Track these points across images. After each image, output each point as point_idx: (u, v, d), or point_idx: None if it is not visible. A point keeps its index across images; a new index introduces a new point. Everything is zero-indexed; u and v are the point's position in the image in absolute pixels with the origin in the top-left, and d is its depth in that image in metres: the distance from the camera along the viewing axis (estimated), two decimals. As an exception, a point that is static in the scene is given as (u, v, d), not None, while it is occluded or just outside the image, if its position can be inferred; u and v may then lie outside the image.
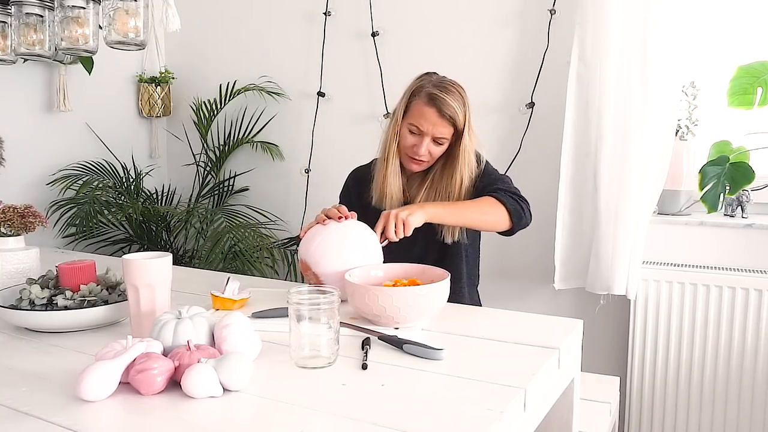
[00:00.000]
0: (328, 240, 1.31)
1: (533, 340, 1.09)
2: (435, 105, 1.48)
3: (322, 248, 1.30)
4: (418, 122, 1.50)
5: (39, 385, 0.91)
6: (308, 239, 1.34)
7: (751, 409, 1.87)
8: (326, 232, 1.33)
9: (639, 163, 1.88)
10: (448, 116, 1.48)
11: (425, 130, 1.50)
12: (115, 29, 1.62)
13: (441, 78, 1.54)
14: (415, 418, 0.80)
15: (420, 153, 1.51)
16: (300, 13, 2.58)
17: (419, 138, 1.51)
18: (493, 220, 1.49)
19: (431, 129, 1.49)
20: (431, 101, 1.48)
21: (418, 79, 1.55)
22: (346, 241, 1.31)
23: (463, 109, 1.51)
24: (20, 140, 2.30)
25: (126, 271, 1.07)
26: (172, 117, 2.89)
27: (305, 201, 2.62)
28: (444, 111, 1.48)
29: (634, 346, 1.98)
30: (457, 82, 1.54)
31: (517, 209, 1.50)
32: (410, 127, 1.52)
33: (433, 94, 1.49)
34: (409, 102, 1.53)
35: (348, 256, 1.30)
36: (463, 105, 1.51)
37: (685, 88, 1.98)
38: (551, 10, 2.11)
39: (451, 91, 1.50)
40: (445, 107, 1.48)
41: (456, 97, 1.50)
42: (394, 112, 1.57)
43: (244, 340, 0.95)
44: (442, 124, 1.49)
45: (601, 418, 1.64)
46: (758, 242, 1.91)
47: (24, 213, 1.43)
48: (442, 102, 1.48)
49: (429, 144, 1.51)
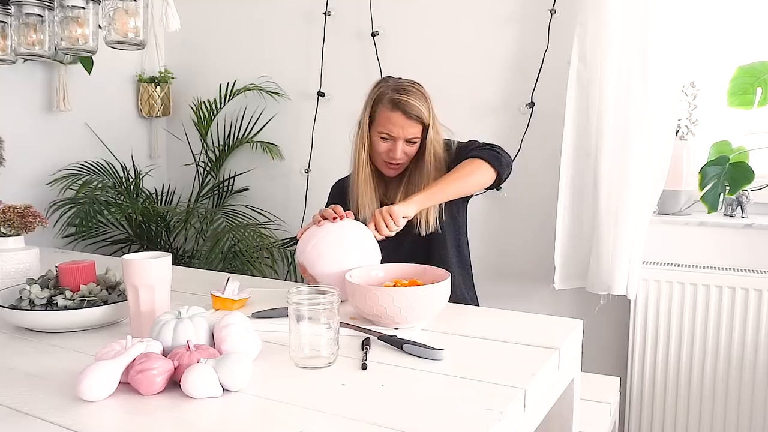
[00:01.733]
0: (324, 241, 1.31)
1: (533, 340, 1.08)
2: (399, 108, 1.53)
3: (318, 250, 1.30)
4: (387, 129, 1.54)
5: (39, 385, 0.91)
6: (304, 241, 1.34)
7: (751, 408, 1.87)
8: (322, 233, 1.33)
9: (639, 163, 1.88)
10: (415, 116, 1.53)
11: (396, 135, 1.54)
12: (114, 29, 1.62)
13: (397, 81, 1.58)
14: (415, 418, 0.80)
15: (396, 157, 1.56)
16: (300, 13, 2.58)
17: (392, 143, 1.56)
18: (478, 177, 1.52)
19: (401, 132, 1.54)
20: (395, 106, 1.53)
21: (376, 87, 1.59)
22: (343, 242, 1.31)
23: (427, 105, 1.55)
24: (20, 140, 2.30)
25: (126, 271, 1.07)
26: (171, 117, 2.89)
27: (305, 201, 2.62)
28: (410, 112, 1.53)
29: (634, 346, 1.98)
30: (415, 81, 1.59)
31: (493, 154, 1.53)
32: (381, 135, 1.56)
33: (395, 99, 1.53)
34: (373, 111, 1.57)
35: (345, 257, 1.29)
36: (425, 101, 1.55)
37: (685, 88, 1.98)
38: (551, 10, 2.11)
39: (411, 91, 1.55)
40: (410, 108, 1.52)
41: (417, 95, 1.54)
42: (359, 123, 1.61)
43: (243, 340, 0.95)
44: (410, 125, 1.54)
45: (601, 418, 1.64)
46: (758, 242, 1.91)
47: (24, 213, 1.43)
48: (405, 104, 1.52)
49: (403, 146, 1.56)
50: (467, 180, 1.51)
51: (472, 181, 1.52)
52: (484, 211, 2.29)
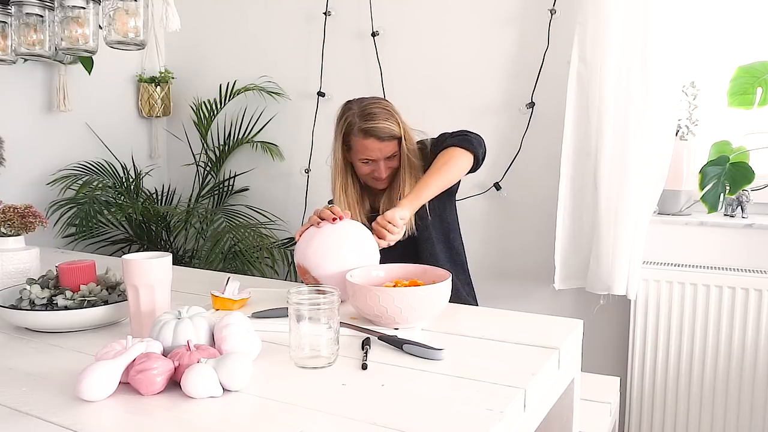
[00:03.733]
0: (325, 243, 1.30)
1: (533, 340, 1.08)
2: (372, 135, 1.60)
3: (321, 251, 1.30)
4: (366, 155, 1.62)
5: (39, 385, 0.91)
6: (304, 243, 1.33)
7: (751, 408, 1.87)
8: (322, 234, 1.32)
9: (639, 163, 1.88)
10: (388, 137, 1.60)
11: (376, 157, 1.62)
12: (115, 29, 1.62)
13: (361, 104, 1.64)
14: (415, 418, 0.80)
15: (382, 175, 1.64)
16: (300, 13, 2.58)
17: (374, 164, 1.64)
18: (456, 164, 1.55)
19: (380, 154, 1.62)
20: (367, 134, 1.60)
21: (342, 118, 1.65)
22: (344, 242, 1.31)
23: (395, 119, 1.62)
24: (20, 140, 2.30)
25: (126, 271, 1.07)
26: (172, 117, 2.89)
27: (305, 201, 2.62)
28: (383, 136, 1.60)
29: (634, 346, 1.98)
30: (378, 98, 1.67)
31: (462, 138, 1.58)
32: (361, 160, 1.64)
33: (365, 128, 1.60)
34: (346, 141, 1.65)
35: (346, 257, 1.29)
36: (393, 117, 1.62)
37: (685, 88, 1.98)
38: (551, 10, 2.11)
39: (378, 113, 1.61)
40: (382, 132, 1.59)
41: (384, 115, 1.61)
42: (333, 152, 1.68)
43: (244, 340, 0.95)
44: (386, 146, 1.61)
45: (601, 418, 1.64)
46: (758, 242, 1.91)
47: (24, 213, 1.43)
48: (376, 130, 1.59)
49: (384, 163, 1.64)
50: (448, 170, 1.54)
51: (452, 170, 1.55)
52: (484, 211, 2.29)
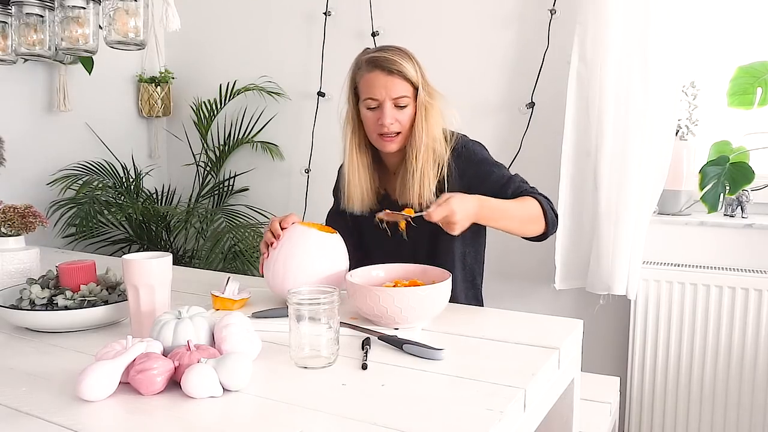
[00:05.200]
0: (291, 268, 1.25)
1: (533, 340, 1.08)
2: (378, 66, 1.38)
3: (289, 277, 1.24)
4: (371, 93, 1.39)
5: (39, 385, 0.91)
6: (273, 276, 1.28)
7: (751, 408, 1.87)
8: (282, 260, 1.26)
9: (639, 163, 1.88)
10: (397, 71, 1.38)
11: (380, 97, 1.38)
12: (115, 29, 1.62)
13: (378, 47, 1.46)
14: (415, 418, 0.80)
15: (386, 122, 1.38)
16: (300, 13, 2.58)
17: (379, 109, 1.40)
18: (532, 229, 1.39)
19: (386, 92, 1.38)
20: (374, 65, 1.39)
21: (354, 61, 1.46)
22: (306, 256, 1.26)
23: (411, 63, 1.41)
24: (20, 140, 2.30)
25: (126, 271, 1.07)
26: (172, 117, 2.89)
27: (305, 201, 2.62)
28: (390, 68, 1.38)
29: (634, 346, 1.98)
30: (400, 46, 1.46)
31: (554, 220, 1.40)
32: (367, 105, 1.41)
33: (372, 59, 1.40)
34: (355, 85, 1.44)
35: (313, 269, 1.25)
36: (409, 60, 1.41)
37: (685, 88, 1.98)
38: (551, 10, 2.11)
39: (391, 49, 1.42)
40: (390, 63, 1.38)
41: (398, 53, 1.41)
42: (347, 110, 1.48)
43: (244, 340, 0.95)
44: (394, 83, 1.38)
45: (601, 418, 1.64)
46: (758, 242, 1.91)
47: (24, 213, 1.43)
48: (384, 60, 1.38)
49: (391, 110, 1.39)
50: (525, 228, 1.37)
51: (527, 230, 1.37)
52: (484, 211, 2.29)
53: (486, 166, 1.46)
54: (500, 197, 1.37)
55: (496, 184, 1.42)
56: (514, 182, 1.44)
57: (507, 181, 1.43)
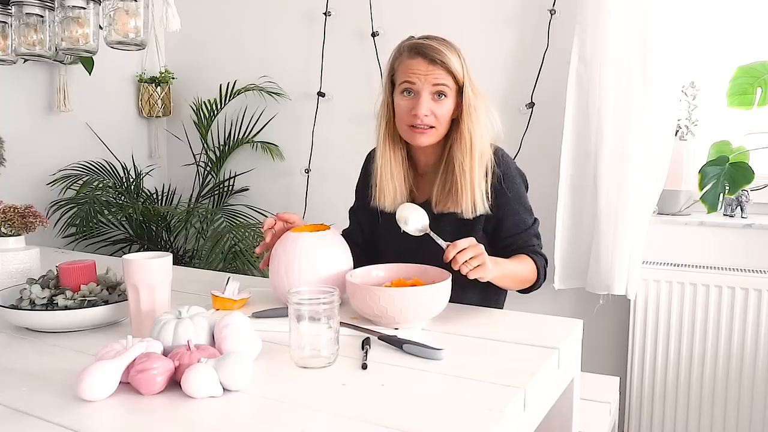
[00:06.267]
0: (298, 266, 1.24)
1: (533, 340, 1.09)
2: (420, 53, 1.30)
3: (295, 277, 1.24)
4: (408, 78, 1.31)
5: (39, 385, 0.91)
6: (276, 276, 1.27)
7: (750, 408, 1.87)
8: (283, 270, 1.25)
9: (639, 163, 1.88)
10: (440, 61, 1.29)
11: (419, 84, 1.30)
12: (115, 29, 1.62)
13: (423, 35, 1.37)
14: (415, 418, 0.80)
15: (420, 112, 1.29)
16: (300, 13, 2.58)
17: (416, 97, 1.31)
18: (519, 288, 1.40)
19: (424, 79, 1.29)
20: (416, 51, 1.31)
21: (396, 46, 1.39)
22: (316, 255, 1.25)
23: (457, 56, 1.32)
24: (20, 140, 2.30)
25: (126, 271, 1.07)
26: (172, 117, 2.89)
27: (305, 201, 2.62)
28: (433, 56, 1.29)
29: (634, 346, 1.98)
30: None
31: (541, 283, 1.41)
32: (402, 89, 1.32)
33: (415, 44, 1.32)
34: (394, 71, 1.36)
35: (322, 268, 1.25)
36: (455, 52, 1.33)
37: (685, 88, 1.98)
38: (551, 10, 2.11)
39: (437, 38, 1.34)
40: (433, 52, 1.29)
41: (443, 42, 1.33)
42: (382, 98, 1.40)
43: (244, 340, 0.95)
44: (435, 71, 1.29)
45: (601, 418, 1.64)
46: (758, 242, 1.91)
47: (24, 213, 1.43)
48: (427, 47, 1.30)
49: (428, 101, 1.30)
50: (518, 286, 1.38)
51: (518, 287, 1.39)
52: (484, 211, 2.29)
53: (518, 204, 1.40)
54: (507, 237, 1.38)
55: (514, 228, 1.39)
56: (528, 235, 1.40)
57: (523, 231, 1.40)
